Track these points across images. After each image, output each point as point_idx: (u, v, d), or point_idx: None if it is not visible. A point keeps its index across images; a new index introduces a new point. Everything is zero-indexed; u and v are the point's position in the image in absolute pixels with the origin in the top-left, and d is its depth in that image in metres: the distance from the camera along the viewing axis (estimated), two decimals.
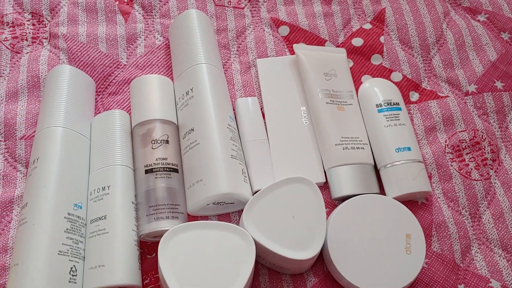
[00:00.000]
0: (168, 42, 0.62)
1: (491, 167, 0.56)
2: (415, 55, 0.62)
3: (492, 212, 0.53)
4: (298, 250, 0.44)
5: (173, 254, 0.42)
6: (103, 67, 0.60)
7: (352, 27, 0.64)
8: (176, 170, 0.50)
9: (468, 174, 0.55)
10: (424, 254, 0.47)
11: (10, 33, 0.62)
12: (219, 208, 0.51)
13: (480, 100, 0.59)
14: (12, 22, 0.62)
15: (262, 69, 0.60)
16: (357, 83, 0.60)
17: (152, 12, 0.64)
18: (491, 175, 0.55)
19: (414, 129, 0.57)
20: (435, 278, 0.50)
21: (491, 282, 0.50)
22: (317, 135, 0.55)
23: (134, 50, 0.62)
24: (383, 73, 0.61)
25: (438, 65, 0.62)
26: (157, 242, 0.49)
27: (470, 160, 0.56)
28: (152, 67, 0.61)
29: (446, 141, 0.57)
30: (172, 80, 0.58)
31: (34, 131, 0.55)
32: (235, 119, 0.56)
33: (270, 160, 0.54)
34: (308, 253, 0.44)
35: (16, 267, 0.44)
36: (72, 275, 0.45)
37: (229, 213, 0.53)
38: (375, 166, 0.54)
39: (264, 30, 0.64)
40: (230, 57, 0.62)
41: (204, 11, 0.64)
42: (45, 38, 0.62)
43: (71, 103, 0.53)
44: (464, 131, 0.57)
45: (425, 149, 0.56)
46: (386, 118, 0.54)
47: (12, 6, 0.63)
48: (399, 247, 0.47)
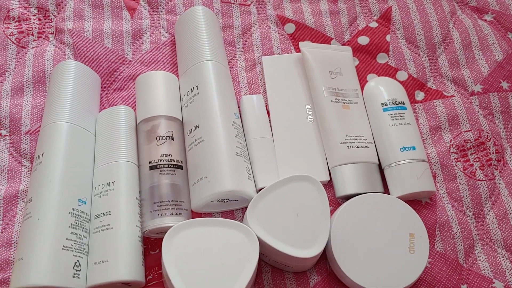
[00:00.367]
0: (174, 38, 0.62)
1: (496, 168, 0.56)
2: (421, 54, 0.62)
3: (496, 212, 0.53)
4: (301, 248, 0.44)
5: (176, 250, 0.42)
6: (108, 62, 0.60)
7: (358, 25, 0.64)
8: (180, 167, 0.50)
9: (473, 174, 0.55)
10: (428, 253, 0.47)
11: (16, 27, 0.62)
12: (223, 205, 0.51)
13: (486, 100, 0.59)
14: (18, 17, 0.62)
15: (267, 66, 0.60)
16: (362, 82, 0.60)
17: (158, 8, 0.64)
18: (495, 176, 0.55)
19: (419, 129, 0.57)
20: (438, 277, 0.50)
21: (494, 283, 0.50)
22: (322, 134, 0.55)
23: (140, 46, 0.62)
24: (389, 72, 0.61)
25: (444, 65, 0.61)
26: (161, 238, 0.49)
27: (475, 160, 0.56)
28: (157, 64, 0.61)
29: (451, 141, 0.57)
30: (178, 76, 0.58)
31: (40, 126, 0.56)
32: (240, 116, 0.56)
33: (274, 158, 0.54)
34: (312, 251, 0.44)
35: (20, 262, 0.44)
36: (76, 270, 0.45)
37: (233, 210, 0.53)
38: (380, 165, 0.54)
39: (270, 28, 0.63)
40: (235, 54, 0.62)
41: (210, 8, 0.64)
42: (51, 33, 0.62)
43: (76, 99, 0.53)
44: (469, 131, 0.57)
45: (429, 148, 0.56)
46: (391, 117, 0.54)
47: (18, 1, 0.63)
48: (403, 246, 0.47)
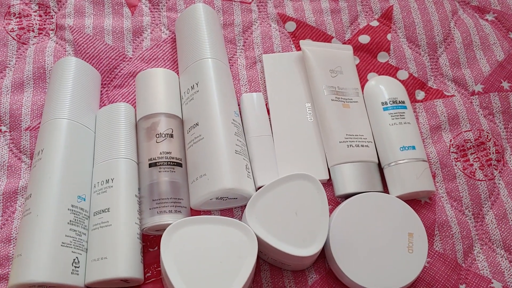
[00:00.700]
0: (174, 36, 0.62)
1: (496, 168, 0.56)
2: (422, 54, 0.62)
3: (495, 212, 0.53)
4: (300, 246, 0.44)
5: (175, 248, 0.42)
6: (109, 59, 0.60)
7: (359, 24, 0.64)
8: (180, 164, 0.50)
9: (472, 174, 0.55)
10: (426, 253, 0.47)
11: (17, 23, 0.62)
12: (222, 203, 0.51)
13: (486, 100, 0.59)
14: (19, 13, 0.62)
15: (267, 64, 0.60)
16: (363, 81, 0.60)
17: (158, 6, 0.64)
18: (495, 176, 0.55)
19: (419, 128, 0.57)
20: (437, 277, 0.50)
21: (492, 283, 0.50)
22: (322, 132, 0.55)
23: (140, 43, 0.62)
24: (389, 71, 0.61)
25: (445, 64, 0.61)
26: (160, 236, 0.49)
27: (475, 160, 0.56)
28: (157, 61, 0.61)
29: (451, 141, 0.57)
30: (178, 74, 0.58)
31: (39, 123, 0.56)
32: (240, 114, 0.56)
33: (274, 156, 0.54)
34: (310, 250, 0.44)
35: (19, 258, 0.44)
36: (75, 267, 0.46)
37: (232, 208, 0.53)
38: (379, 164, 0.54)
39: (270, 26, 0.63)
40: (236, 52, 0.62)
41: (211, 6, 0.64)
42: (52, 30, 0.62)
43: (76, 95, 0.53)
44: (469, 131, 0.57)
45: (429, 148, 0.56)
46: (391, 116, 0.54)
47: None
48: (401, 245, 0.47)
